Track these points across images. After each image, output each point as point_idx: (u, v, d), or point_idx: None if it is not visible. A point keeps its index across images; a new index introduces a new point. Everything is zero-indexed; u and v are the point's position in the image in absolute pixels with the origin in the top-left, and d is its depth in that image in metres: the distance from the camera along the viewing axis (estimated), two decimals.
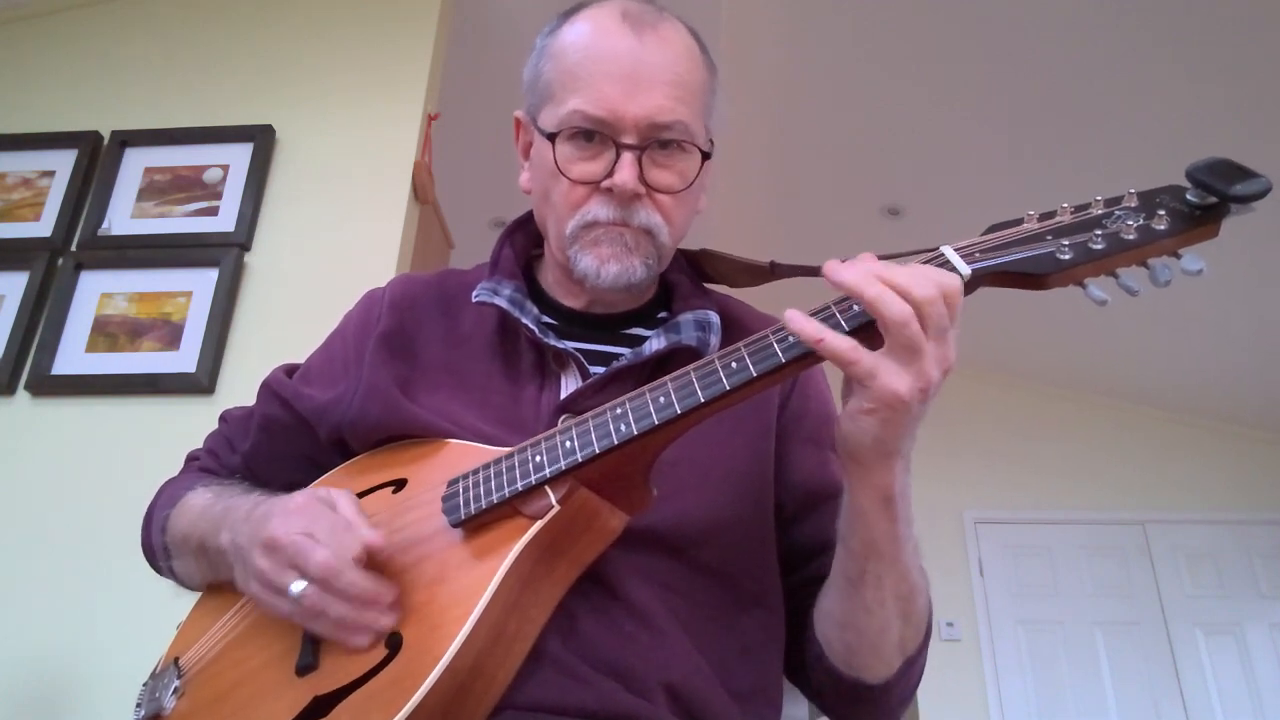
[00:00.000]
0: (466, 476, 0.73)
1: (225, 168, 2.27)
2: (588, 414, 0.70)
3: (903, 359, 0.61)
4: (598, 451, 0.68)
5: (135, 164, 2.30)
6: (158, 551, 0.91)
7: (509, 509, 0.70)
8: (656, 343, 0.83)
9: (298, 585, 0.67)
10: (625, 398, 0.69)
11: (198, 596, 0.90)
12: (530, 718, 0.67)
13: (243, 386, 1.94)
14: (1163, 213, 0.64)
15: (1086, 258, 0.64)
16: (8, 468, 2.01)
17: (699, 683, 0.73)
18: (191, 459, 0.99)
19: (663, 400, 0.67)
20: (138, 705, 0.81)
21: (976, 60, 3.06)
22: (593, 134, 0.81)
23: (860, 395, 0.63)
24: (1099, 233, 0.65)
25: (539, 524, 0.68)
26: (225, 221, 2.21)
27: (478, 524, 0.70)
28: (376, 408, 0.83)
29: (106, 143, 2.33)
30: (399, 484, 0.79)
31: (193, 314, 2.10)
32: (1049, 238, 0.66)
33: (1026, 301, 1.19)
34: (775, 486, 0.85)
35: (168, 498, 0.92)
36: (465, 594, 0.66)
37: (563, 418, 0.75)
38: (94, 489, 1.96)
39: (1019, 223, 0.68)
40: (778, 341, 0.65)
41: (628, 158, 0.80)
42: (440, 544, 0.71)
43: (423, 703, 0.61)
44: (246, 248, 2.19)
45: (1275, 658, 4.14)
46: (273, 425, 0.91)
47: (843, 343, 0.62)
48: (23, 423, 2.05)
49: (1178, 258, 0.64)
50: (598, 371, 0.82)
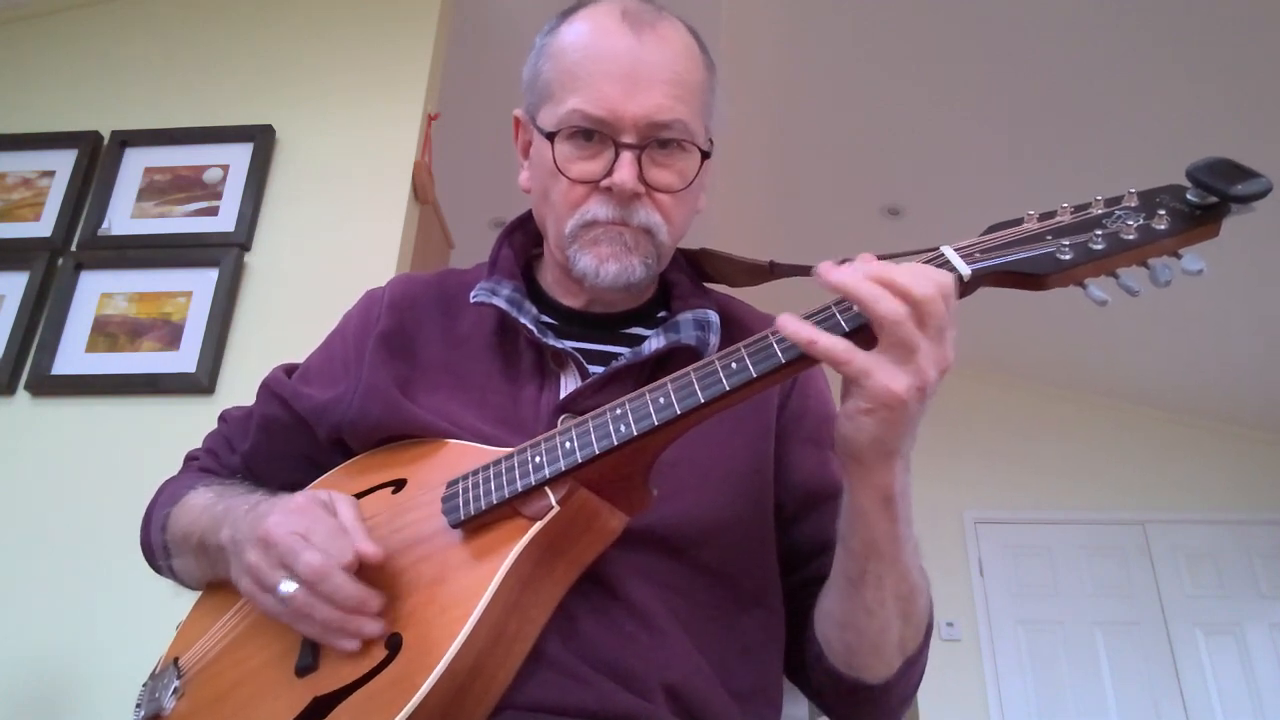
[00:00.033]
0: (466, 477, 0.73)
1: (225, 168, 2.27)
2: (587, 414, 0.70)
3: (898, 358, 0.61)
4: (597, 452, 0.67)
5: (135, 164, 2.30)
6: (157, 550, 0.91)
7: (509, 510, 0.69)
8: (656, 342, 0.83)
9: (287, 585, 0.67)
10: (625, 398, 0.69)
11: (197, 596, 0.90)
12: (530, 718, 0.67)
13: (243, 386, 1.94)
14: (1163, 212, 0.64)
15: (1087, 258, 0.64)
16: (8, 468, 2.01)
17: (699, 683, 0.73)
18: (191, 459, 0.99)
19: (662, 401, 0.67)
20: (137, 706, 0.81)
21: (976, 60, 3.05)
22: (592, 133, 0.81)
23: (857, 395, 0.63)
24: (1099, 233, 0.65)
25: (539, 525, 0.68)
26: (225, 221, 2.21)
27: (477, 525, 0.70)
28: (376, 408, 0.83)
29: (106, 143, 2.33)
30: (398, 484, 0.79)
31: (193, 314, 2.10)
32: (1049, 238, 0.66)
33: (1026, 301, 1.19)
34: (775, 486, 0.85)
35: (168, 496, 0.92)
36: (465, 595, 0.66)
37: (562, 418, 0.75)
38: (94, 489, 1.95)
39: (1019, 223, 0.68)
40: (777, 342, 0.65)
41: (627, 157, 0.80)
42: (440, 545, 0.71)
43: (422, 703, 0.61)
44: (246, 248, 2.19)
45: (1275, 658, 4.14)
46: (272, 425, 0.91)
47: (836, 344, 0.62)
48: (23, 423, 2.05)
49: (1178, 258, 0.64)
50: (597, 371, 0.82)
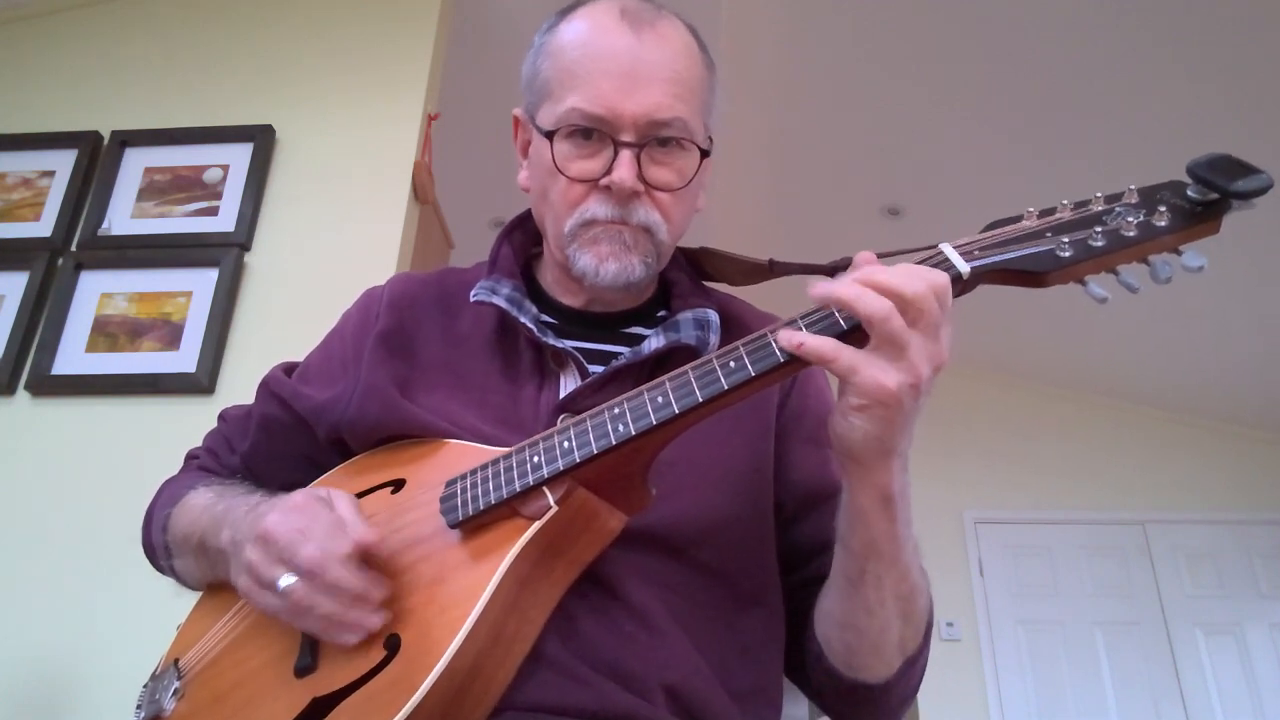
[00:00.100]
0: (465, 477, 0.73)
1: (225, 168, 2.27)
2: (586, 414, 0.70)
3: (888, 354, 0.61)
4: (596, 452, 0.67)
5: (135, 164, 2.30)
6: (159, 551, 0.90)
7: (507, 509, 0.69)
8: (655, 341, 0.83)
9: (286, 579, 0.67)
10: (623, 397, 0.69)
11: (198, 596, 0.90)
12: (530, 718, 0.67)
13: (243, 386, 1.93)
14: (1163, 209, 0.64)
15: (1087, 255, 0.64)
16: (8, 468, 2.01)
17: (698, 683, 0.73)
18: (191, 458, 0.99)
19: (660, 400, 0.67)
20: (138, 707, 0.81)
21: (976, 60, 3.05)
22: (591, 132, 0.81)
23: (848, 392, 0.63)
24: (1099, 229, 0.65)
25: (537, 525, 0.67)
26: (225, 221, 2.21)
27: (476, 525, 0.70)
28: (375, 407, 0.82)
29: (106, 143, 2.33)
30: (397, 484, 0.79)
31: (193, 314, 2.10)
32: (1049, 235, 0.65)
33: (1026, 300, 1.19)
34: (775, 486, 0.84)
35: (168, 497, 0.92)
36: (464, 595, 0.66)
37: (562, 417, 0.74)
38: (94, 489, 1.95)
39: (1018, 220, 0.68)
40: (776, 341, 0.65)
41: (626, 155, 0.80)
42: (438, 545, 0.71)
43: (421, 704, 0.61)
44: (246, 248, 2.19)
45: (1275, 658, 4.14)
46: (271, 425, 0.91)
47: (823, 343, 0.62)
48: (23, 423, 2.05)
49: (1179, 254, 0.64)
50: (597, 370, 0.82)
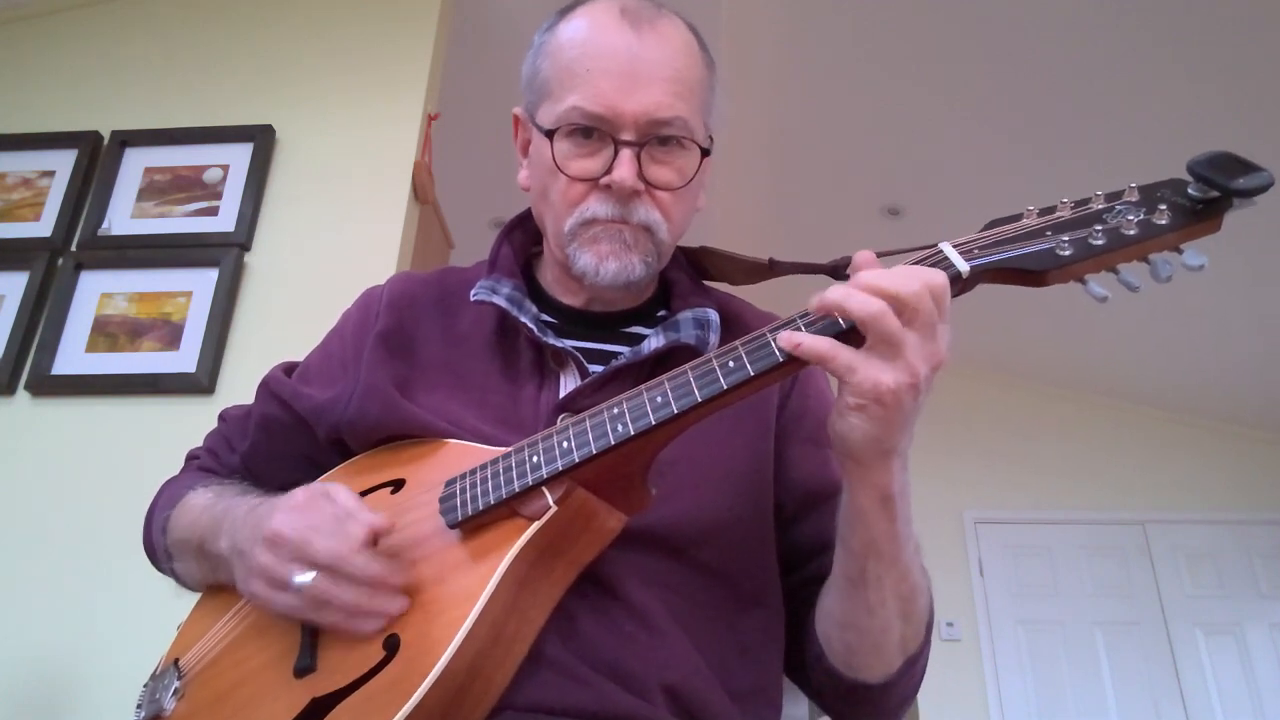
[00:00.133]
0: (464, 477, 0.72)
1: (225, 168, 2.27)
2: (585, 414, 0.70)
3: (884, 354, 0.61)
4: (595, 452, 0.67)
5: (135, 164, 2.30)
6: (160, 553, 0.91)
7: (507, 510, 0.69)
8: (655, 341, 0.82)
9: (304, 576, 0.67)
10: (623, 397, 0.69)
11: (198, 596, 0.90)
12: (529, 718, 0.67)
13: (243, 386, 1.93)
14: (1164, 207, 0.64)
15: (1087, 254, 0.64)
16: (8, 468, 2.00)
17: (698, 683, 0.73)
18: (191, 457, 0.99)
19: (660, 400, 0.66)
20: (138, 706, 0.81)
21: (976, 60, 3.05)
22: (591, 131, 0.81)
23: (845, 391, 0.63)
24: (1099, 228, 0.64)
25: (537, 525, 0.67)
26: (225, 221, 2.21)
27: (475, 525, 0.70)
28: (374, 407, 0.82)
29: (106, 143, 2.33)
30: (397, 484, 0.79)
31: (193, 314, 2.10)
32: (1049, 233, 0.65)
33: (1026, 300, 1.19)
34: (775, 486, 0.84)
35: (168, 498, 0.92)
36: (463, 595, 0.66)
37: (561, 417, 0.74)
38: (94, 489, 1.95)
39: (1018, 218, 0.67)
40: (775, 340, 0.65)
41: (626, 154, 0.80)
42: (438, 545, 0.71)
43: (421, 704, 0.61)
44: (246, 248, 2.19)
45: (1275, 658, 4.14)
46: (271, 425, 0.91)
47: (821, 342, 0.62)
48: (23, 423, 2.05)
49: (1179, 253, 0.64)
50: (597, 370, 0.82)
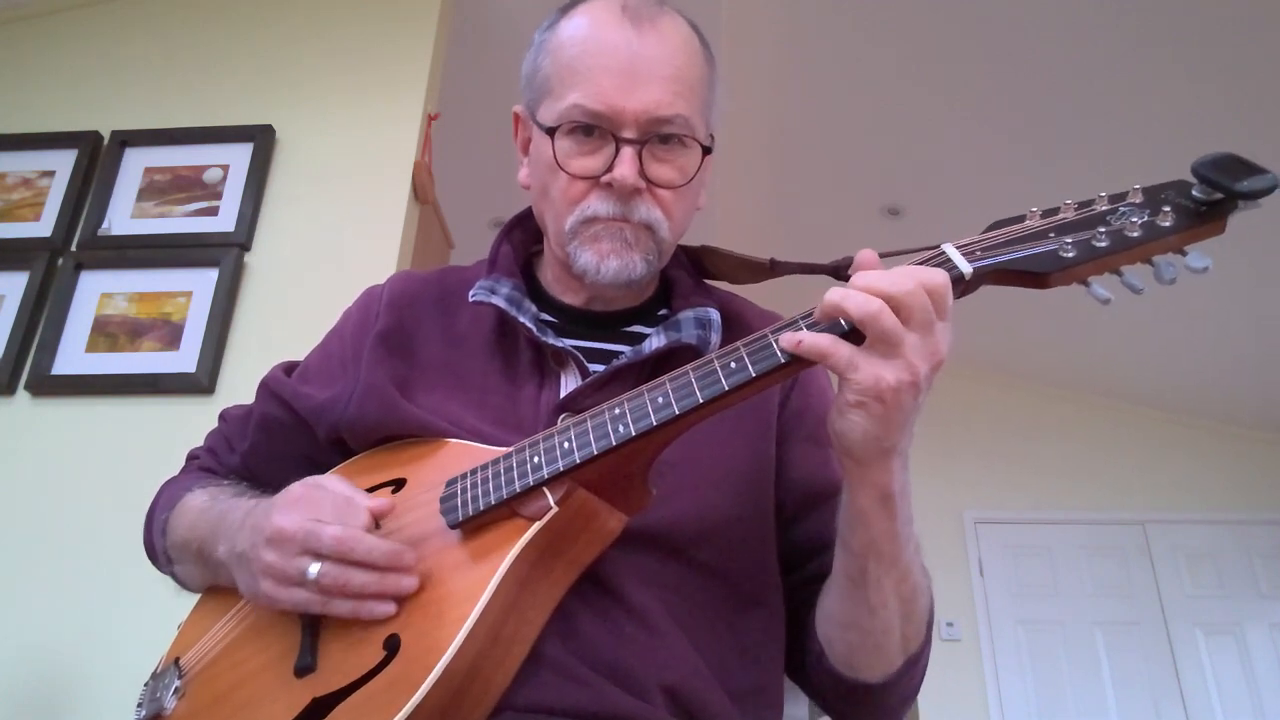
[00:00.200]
0: (464, 477, 0.72)
1: (225, 168, 2.27)
2: (586, 414, 0.70)
3: (883, 352, 0.61)
4: (596, 453, 0.67)
5: (135, 164, 2.29)
6: (160, 555, 0.91)
7: (507, 510, 0.69)
8: (656, 340, 0.82)
9: (315, 567, 0.67)
10: (624, 397, 0.69)
11: (197, 596, 0.90)
12: (529, 718, 0.67)
13: (243, 386, 1.93)
14: (1168, 209, 0.63)
15: (1090, 256, 0.63)
16: (8, 468, 2.00)
17: (698, 684, 0.73)
18: (192, 457, 0.99)
19: (661, 401, 0.66)
20: (139, 705, 0.81)
21: (976, 60, 3.05)
22: (592, 128, 0.80)
23: (845, 388, 0.63)
24: (1103, 230, 0.64)
25: (537, 525, 0.67)
26: (225, 221, 2.20)
27: (476, 525, 0.70)
28: (374, 407, 0.82)
29: (106, 143, 2.33)
30: (398, 484, 0.79)
31: (193, 314, 2.10)
32: (1052, 235, 0.65)
33: (1027, 301, 1.19)
34: (775, 486, 0.84)
35: (167, 499, 0.92)
36: (463, 596, 0.66)
37: (562, 417, 0.74)
38: (94, 489, 1.95)
39: (1021, 220, 0.67)
40: (776, 341, 0.65)
41: (627, 152, 0.79)
42: (438, 545, 0.71)
43: (420, 705, 0.61)
44: (246, 248, 2.19)
45: (1275, 658, 4.13)
46: (271, 424, 0.91)
47: (821, 339, 0.62)
48: (23, 423, 2.05)
49: (1183, 255, 0.63)
50: (597, 369, 0.81)
